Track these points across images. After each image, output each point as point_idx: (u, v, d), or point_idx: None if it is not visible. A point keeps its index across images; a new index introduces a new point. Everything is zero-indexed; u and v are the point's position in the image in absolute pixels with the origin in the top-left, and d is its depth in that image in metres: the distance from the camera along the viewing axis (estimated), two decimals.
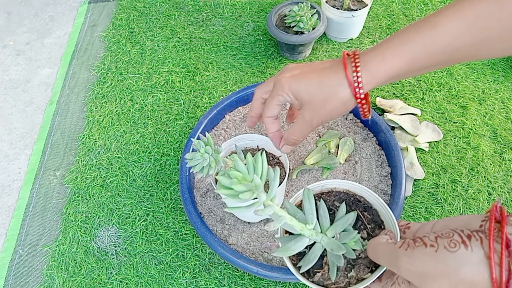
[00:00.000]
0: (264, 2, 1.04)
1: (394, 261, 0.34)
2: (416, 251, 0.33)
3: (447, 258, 0.31)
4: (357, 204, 0.44)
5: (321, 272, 0.40)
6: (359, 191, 0.45)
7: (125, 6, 1.07)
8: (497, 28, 0.38)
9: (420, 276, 0.32)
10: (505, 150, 0.77)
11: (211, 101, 0.87)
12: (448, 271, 0.31)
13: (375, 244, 0.37)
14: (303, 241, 0.38)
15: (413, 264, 0.33)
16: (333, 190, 0.45)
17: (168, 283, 0.68)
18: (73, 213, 0.76)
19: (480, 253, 0.30)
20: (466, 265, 0.30)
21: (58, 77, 0.97)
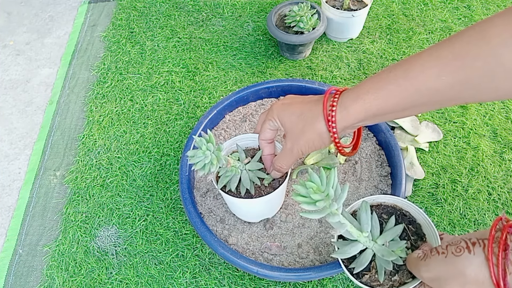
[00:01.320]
0: (264, 2, 1.04)
1: (417, 271, 0.41)
2: (431, 260, 0.39)
3: (454, 262, 0.37)
4: (403, 217, 0.49)
5: (368, 275, 0.46)
6: (405, 206, 0.50)
7: (125, 6, 1.07)
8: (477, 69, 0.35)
9: (437, 281, 0.39)
10: (505, 150, 0.77)
11: (211, 101, 0.87)
12: (457, 273, 0.36)
13: (409, 257, 0.44)
14: (358, 246, 0.44)
15: (429, 271, 0.39)
16: (382, 204, 0.51)
17: (168, 283, 0.68)
18: (73, 213, 0.76)
19: (482, 257, 0.35)
20: (470, 267, 0.35)
21: (58, 77, 0.97)
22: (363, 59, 0.92)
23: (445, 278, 0.38)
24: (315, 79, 0.89)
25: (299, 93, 0.83)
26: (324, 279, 0.66)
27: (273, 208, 0.68)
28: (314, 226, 0.68)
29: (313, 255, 0.66)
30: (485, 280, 0.35)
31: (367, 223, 0.43)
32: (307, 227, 0.68)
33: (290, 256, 0.66)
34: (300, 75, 0.90)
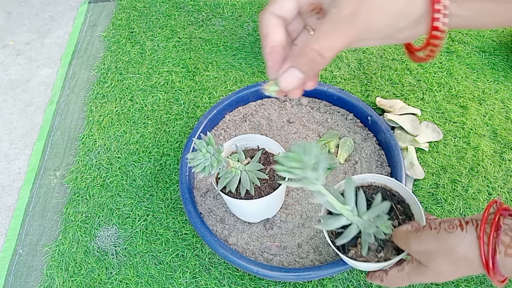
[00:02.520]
0: (264, 2, 1.04)
1: (407, 242, 0.41)
2: (423, 234, 0.39)
3: (446, 238, 0.37)
4: (392, 197, 0.50)
5: (354, 250, 0.47)
6: (394, 186, 0.51)
7: (125, 6, 1.07)
8: None
9: (426, 254, 0.39)
10: (505, 150, 0.77)
11: (211, 101, 0.87)
12: (447, 249, 0.37)
13: (397, 230, 0.44)
14: (341, 220, 0.44)
15: (420, 244, 0.39)
16: (372, 184, 0.52)
17: (168, 283, 0.68)
18: (73, 213, 0.76)
19: (473, 235, 0.36)
20: (461, 244, 0.36)
21: (58, 77, 0.97)
22: (363, 59, 0.92)
23: (434, 253, 0.38)
24: None
25: None
26: (324, 279, 0.66)
27: (273, 208, 0.69)
28: (314, 226, 0.68)
29: (313, 255, 0.66)
30: (474, 259, 0.35)
31: (351, 197, 0.44)
32: (307, 227, 0.69)
33: (290, 256, 0.66)
34: None
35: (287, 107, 0.82)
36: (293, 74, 0.30)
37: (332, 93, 0.80)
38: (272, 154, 0.66)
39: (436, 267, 0.39)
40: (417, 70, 0.89)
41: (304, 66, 0.29)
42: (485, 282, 0.64)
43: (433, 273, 0.40)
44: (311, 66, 0.29)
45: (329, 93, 0.80)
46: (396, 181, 0.50)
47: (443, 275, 0.39)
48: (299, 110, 0.82)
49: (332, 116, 0.80)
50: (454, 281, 0.64)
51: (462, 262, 0.37)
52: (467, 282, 0.64)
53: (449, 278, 0.40)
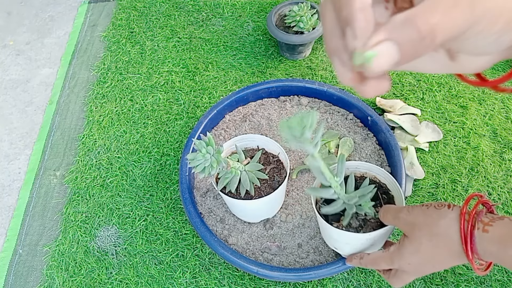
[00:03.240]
0: (264, 2, 1.04)
1: (397, 213, 0.45)
2: (415, 208, 0.44)
3: (433, 212, 0.42)
4: (380, 188, 0.55)
5: (337, 224, 0.52)
6: (383, 178, 0.55)
7: (125, 6, 1.07)
8: None
9: (411, 225, 0.43)
10: (505, 150, 0.77)
11: (211, 101, 0.87)
12: (430, 223, 0.41)
13: (388, 206, 0.48)
14: (329, 191, 0.48)
15: (410, 215, 0.43)
16: (363, 175, 0.56)
17: (168, 283, 0.68)
18: (73, 213, 0.76)
19: (457, 212, 0.40)
20: (444, 219, 0.40)
21: (58, 77, 0.97)
22: None
23: (419, 225, 0.42)
24: (315, 79, 0.89)
25: (299, 93, 0.83)
26: (324, 279, 0.66)
27: (273, 208, 0.68)
28: (314, 226, 0.68)
29: (313, 255, 0.66)
30: (454, 234, 0.39)
31: (341, 171, 0.48)
32: (307, 227, 0.69)
33: (290, 256, 0.66)
34: (300, 75, 0.90)
35: (287, 107, 0.82)
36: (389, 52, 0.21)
37: (332, 93, 0.80)
38: (272, 154, 0.66)
39: (417, 239, 0.42)
40: None
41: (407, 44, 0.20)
42: (485, 282, 0.64)
43: (412, 246, 0.42)
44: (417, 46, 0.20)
45: (329, 93, 0.80)
46: (387, 173, 0.55)
47: (420, 251, 0.42)
48: (299, 110, 0.82)
49: (332, 116, 0.80)
50: (454, 281, 0.64)
51: (441, 238, 0.40)
52: (467, 282, 0.64)
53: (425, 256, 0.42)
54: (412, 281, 0.65)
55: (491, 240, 0.37)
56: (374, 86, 0.23)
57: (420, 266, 0.43)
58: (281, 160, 0.66)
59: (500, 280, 0.64)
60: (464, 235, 0.38)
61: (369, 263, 0.51)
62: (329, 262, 0.63)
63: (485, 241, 0.37)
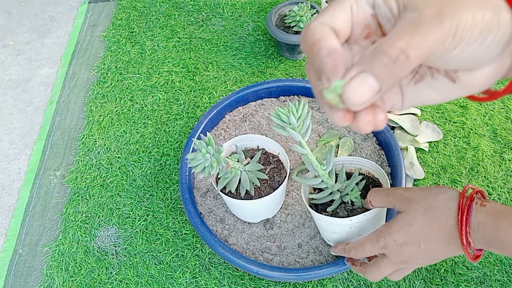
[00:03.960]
0: (264, 2, 1.04)
1: (393, 190, 0.45)
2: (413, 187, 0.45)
3: (433, 188, 0.42)
4: (372, 182, 0.57)
5: (324, 214, 0.54)
6: (376, 173, 0.57)
7: (125, 6, 1.07)
8: None
9: (407, 200, 0.43)
10: (505, 150, 0.77)
11: (211, 101, 0.87)
12: (429, 197, 0.41)
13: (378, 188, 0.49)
14: (317, 180, 0.51)
15: (407, 191, 0.44)
16: (358, 170, 0.58)
17: (168, 283, 0.68)
18: (73, 213, 0.76)
19: (457, 191, 0.41)
20: (443, 194, 0.41)
21: (58, 77, 0.97)
22: None
23: (416, 199, 0.42)
24: None
25: (299, 93, 0.83)
26: (324, 279, 0.66)
27: (273, 208, 0.69)
28: (314, 226, 0.68)
29: (313, 255, 0.66)
30: (451, 207, 0.39)
31: (329, 161, 0.49)
32: (307, 227, 0.69)
33: (290, 256, 0.66)
34: (300, 75, 0.90)
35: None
36: (365, 81, 0.21)
37: None
38: (272, 154, 0.66)
39: (412, 213, 0.41)
40: None
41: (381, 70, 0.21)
42: (485, 282, 0.64)
43: (404, 220, 0.42)
44: (391, 69, 0.21)
45: None
46: (380, 168, 0.56)
47: (412, 224, 0.41)
48: None
49: None
50: (454, 281, 0.64)
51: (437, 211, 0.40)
52: (467, 282, 0.64)
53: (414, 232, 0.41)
54: (412, 281, 0.65)
55: (488, 212, 0.37)
56: (367, 121, 0.24)
57: (406, 246, 0.42)
58: (281, 160, 0.66)
59: (500, 280, 0.64)
60: (461, 206, 0.38)
61: (354, 247, 0.49)
62: (329, 262, 0.63)
63: (481, 213, 0.37)
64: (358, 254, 0.48)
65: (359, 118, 0.24)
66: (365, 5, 0.25)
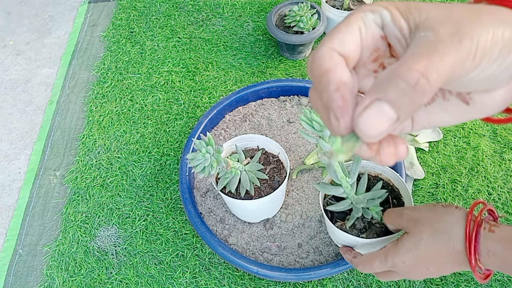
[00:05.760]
0: (264, 2, 1.04)
1: (402, 210, 0.44)
2: (420, 205, 0.43)
3: (439, 209, 0.41)
4: (392, 192, 0.53)
5: (341, 223, 0.51)
6: (397, 182, 0.53)
7: (125, 6, 1.07)
8: None
9: (414, 221, 0.41)
10: (505, 150, 0.77)
11: (211, 101, 0.87)
12: (435, 218, 0.40)
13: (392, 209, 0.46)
14: (339, 189, 0.47)
15: (414, 211, 0.42)
16: (378, 175, 0.55)
17: (168, 283, 0.68)
18: (73, 213, 0.76)
19: (464, 212, 0.39)
20: (450, 215, 0.39)
21: (58, 77, 0.97)
22: None
23: (423, 220, 0.41)
24: None
25: (299, 93, 0.83)
26: (324, 279, 0.66)
27: (273, 208, 0.69)
28: (314, 226, 0.68)
29: (313, 255, 0.66)
30: (458, 232, 0.37)
31: (354, 172, 0.46)
32: (307, 227, 0.69)
33: (290, 256, 0.66)
34: (300, 75, 0.90)
35: (287, 107, 0.82)
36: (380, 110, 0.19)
37: None
38: (272, 154, 0.66)
39: (418, 235, 0.40)
40: None
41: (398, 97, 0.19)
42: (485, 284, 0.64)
43: (411, 242, 0.40)
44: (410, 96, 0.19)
45: None
46: (401, 178, 0.53)
47: (419, 247, 0.39)
48: (299, 110, 0.82)
49: None
50: (455, 281, 0.65)
51: (444, 234, 0.38)
52: (467, 282, 0.64)
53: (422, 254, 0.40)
54: (412, 281, 0.65)
55: (497, 239, 0.36)
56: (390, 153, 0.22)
57: (414, 268, 0.41)
58: (281, 160, 0.66)
59: (500, 280, 0.64)
60: (469, 233, 0.36)
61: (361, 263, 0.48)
62: (329, 262, 0.63)
63: (490, 240, 0.36)
64: (365, 269, 0.47)
65: (381, 151, 0.22)
66: (374, 26, 0.23)
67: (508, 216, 0.70)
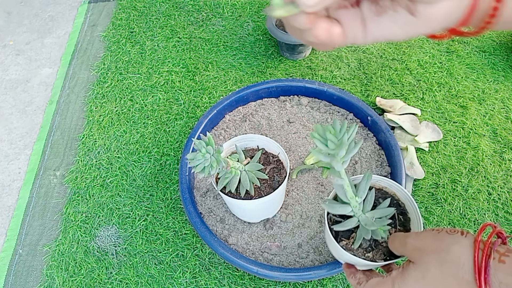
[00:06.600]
0: (264, 2, 1.04)
1: (404, 238, 0.42)
2: (424, 232, 0.40)
3: (444, 237, 0.38)
4: (398, 207, 0.50)
5: (346, 242, 0.48)
6: (403, 197, 0.51)
7: (125, 6, 1.07)
8: None
9: (419, 250, 0.39)
10: (505, 150, 0.77)
11: (211, 101, 0.87)
12: (441, 248, 0.37)
13: (396, 234, 0.45)
14: (347, 208, 0.45)
15: (418, 239, 0.40)
16: (383, 188, 0.52)
17: (168, 283, 0.68)
18: (73, 213, 0.76)
19: (471, 240, 0.36)
20: (457, 245, 0.36)
21: (58, 77, 0.97)
22: (363, 59, 0.92)
23: (428, 250, 0.38)
24: (315, 79, 0.89)
25: (299, 93, 0.83)
26: (324, 279, 0.66)
27: (273, 208, 0.68)
28: (314, 226, 0.68)
29: (313, 255, 0.66)
30: (466, 262, 0.35)
31: (364, 191, 0.44)
32: (307, 227, 0.69)
33: (290, 256, 0.66)
34: (300, 75, 0.90)
35: (287, 107, 0.82)
36: None
37: (332, 93, 0.80)
38: (272, 154, 0.66)
39: (424, 265, 0.39)
40: (417, 70, 0.89)
41: None
42: None
43: (418, 272, 0.39)
44: None
45: (329, 93, 0.80)
46: (407, 193, 0.50)
47: (427, 278, 0.38)
48: (299, 110, 0.82)
49: (332, 116, 0.80)
50: None
51: (452, 265, 0.36)
52: None
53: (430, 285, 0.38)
54: None
55: (508, 271, 0.34)
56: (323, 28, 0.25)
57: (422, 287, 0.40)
58: (281, 160, 0.66)
59: None
60: (478, 264, 0.35)
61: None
62: (329, 262, 0.63)
63: (501, 272, 0.34)
64: None
65: (317, 24, 0.25)
66: None
67: (508, 216, 0.70)
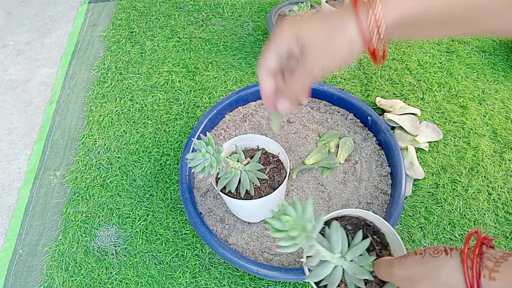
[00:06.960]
0: (264, 2, 1.04)
1: (390, 268, 0.40)
2: (407, 259, 0.39)
3: (430, 261, 0.37)
4: (367, 228, 0.50)
5: None
6: (369, 217, 0.50)
7: (125, 6, 1.07)
8: None
9: (409, 280, 0.38)
10: (505, 150, 0.77)
11: (211, 101, 0.87)
12: (430, 274, 0.36)
13: (379, 261, 0.43)
14: (329, 266, 0.43)
15: (403, 269, 0.39)
16: (346, 215, 0.51)
17: (168, 283, 0.68)
18: (73, 213, 0.76)
19: (457, 259, 0.35)
20: (445, 268, 0.35)
21: (58, 77, 0.97)
22: (363, 59, 0.92)
23: (417, 278, 0.37)
24: None
25: None
26: None
27: (273, 208, 0.68)
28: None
29: None
30: (458, 283, 0.35)
31: (338, 242, 0.43)
32: None
33: (290, 256, 0.66)
34: None
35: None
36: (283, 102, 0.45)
37: (332, 93, 0.80)
38: (272, 154, 0.66)
39: None
40: (417, 70, 0.89)
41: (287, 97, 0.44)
42: None
43: None
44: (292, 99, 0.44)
45: (329, 93, 0.80)
46: (370, 213, 0.49)
47: None
48: (299, 110, 0.82)
49: (332, 116, 0.80)
50: None
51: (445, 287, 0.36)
52: None
53: None
54: None
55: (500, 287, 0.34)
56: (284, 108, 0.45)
57: None
58: (281, 160, 0.66)
59: None
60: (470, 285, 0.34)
61: None
62: None
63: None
64: None
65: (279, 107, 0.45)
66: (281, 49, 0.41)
67: (508, 216, 0.70)
